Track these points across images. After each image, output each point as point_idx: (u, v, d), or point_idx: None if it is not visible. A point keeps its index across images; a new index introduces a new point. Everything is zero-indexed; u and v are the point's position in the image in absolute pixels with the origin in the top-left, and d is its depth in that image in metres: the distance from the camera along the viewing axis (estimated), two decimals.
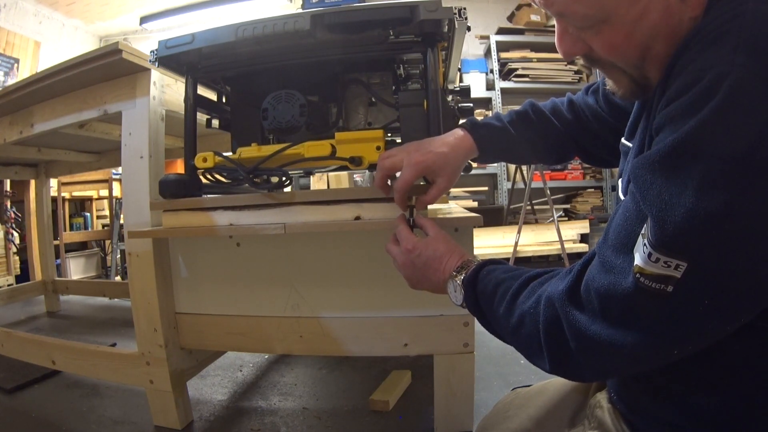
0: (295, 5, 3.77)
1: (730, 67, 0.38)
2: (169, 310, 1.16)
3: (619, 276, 0.43)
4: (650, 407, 0.54)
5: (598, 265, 0.46)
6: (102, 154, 2.17)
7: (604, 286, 0.44)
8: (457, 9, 0.84)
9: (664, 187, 0.39)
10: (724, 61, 0.39)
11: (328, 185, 3.54)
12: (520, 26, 4.01)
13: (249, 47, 0.95)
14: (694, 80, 0.40)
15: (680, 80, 0.42)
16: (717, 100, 0.38)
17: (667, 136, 0.41)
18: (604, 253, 0.45)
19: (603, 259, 0.45)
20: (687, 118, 0.40)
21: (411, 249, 0.69)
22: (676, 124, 0.40)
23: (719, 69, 0.39)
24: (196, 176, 1.03)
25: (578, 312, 0.46)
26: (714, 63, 0.40)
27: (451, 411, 1.07)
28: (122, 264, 3.64)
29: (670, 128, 0.41)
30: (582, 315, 0.45)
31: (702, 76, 0.40)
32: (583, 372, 0.48)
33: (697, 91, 0.40)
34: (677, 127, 0.40)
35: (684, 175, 0.39)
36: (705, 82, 0.39)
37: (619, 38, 0.48)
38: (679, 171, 0.39)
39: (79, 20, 4.10)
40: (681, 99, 0.41)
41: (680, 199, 0.38)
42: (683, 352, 0.42)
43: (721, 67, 0.39)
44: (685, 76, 0.42)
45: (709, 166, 0.38)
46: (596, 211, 3.91)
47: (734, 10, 0.42)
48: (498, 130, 0.81)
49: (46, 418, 1.27)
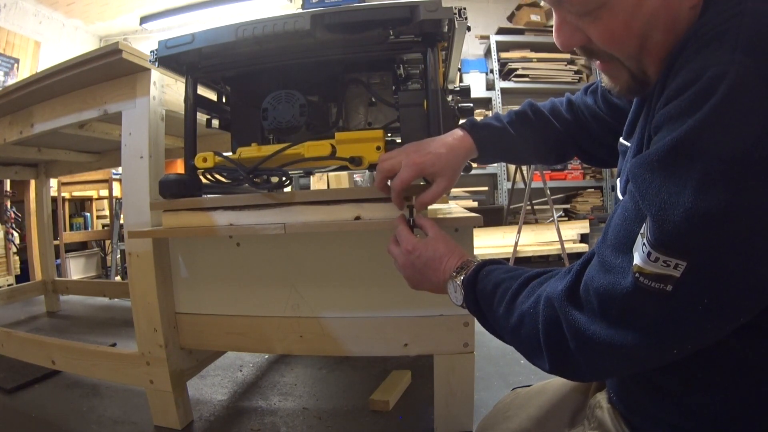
0: (295, 5, 3.77)
1: (728, 66, 0.38)
2: (169, 310, 1.16)
3: (619, 276, 0.43)
4: (649, 407, 0.54)
5: (597, 264, 0.46)
6: (102, 154, 2.17)
7: (604, 285, 0.44)
8: (457, 9, 0.84)
9: (663, 186, 0.39)
10: (723, 60, 0.39)
11: (328, 185, 3.54)
12: (520, 26, 4.01)
13: (249, 47, 0.95)
14: (693, 79, 0.40)
15: (679, 79, 0.42)
16: (716, 99, 0.38)
17: (666, 135, 0.41)
18: (603, 252, 0.45)
19: (602, 258, 0.45)
20: (686, 117, 0.39)
21: (411, 250, 0.69)
22: (675, 123, 0.40)
23: (718, 68, 0.39)
24: (196, 176, 1.03)
25: (577, 312, 0.46)
26: (713, 62, 0.40)
27: (451, 411, 1.07)
28: (122, 264, 3.64)
29: (668, 127, 0.41)
30: (581, 315, 0.45)
31: (701, 75, 0.40)
32: (582, 372, 0.48)
33: (695, 90, 0.40)
34: (676, 126, 0.40)
35: (683, 174, 0.38)
36: (704, 81, 0.39)
37: (617, 25, 0.48)
38: (678, 170, 0.39)
39: (79, 20, 4.10)
40: (680, 98, 0.41)
41: (679, 198, 0.38)
42: (683, 352, 0.42)
43: (720, 66, 0.39)
44: (684, 75, 0.42)
45: (708, 165, 0.38)
46: (596, 211, 3.91)
47: (733, 10, 0.42)
48: (498, 130, 0.81)
49: (46, 418, 1.27)
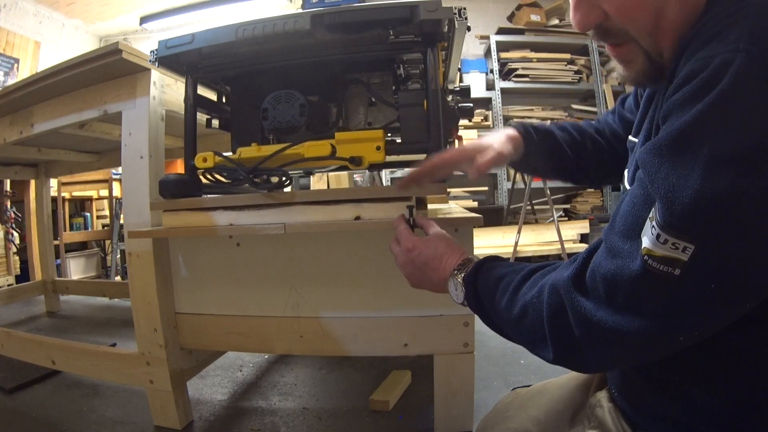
0: (295, 5, 3.77)
1: (735, 54, 0.40)
2: (169, 310, 1.16)
3: (627, 260, 0.43)
4: (651, 402, 0.54)
5: (605, 251, 0.46)
6: (102, 154, 2.17)
7: (611, 270, 0.44)
8: (457, 9, 0.85)
9: (672, 170, 0.40)
10: (729, 49, 0.40)
11: (328, 185, 3.55)
12: (520, 26, 4.01)
13: (249, 47, 0.95)
14: (700, 67, 0.41)
15: (687, 68, 0.43)
16: (723, 84, 0.39)
17: (675, 121, 0.41)
18: (611, 239, 0.45)
19: (610, 245, 0.45)
20: (694, 103, 0.40)
21: (411, 248, 0.69)
22: (684, 109, 0.41)
23: (724, 56, 0.40)
24: (196, 176, 1.03)
25: (583, 298, 0.45)
26: (719, 51, 0.41)
27: (451, 411, 1.07)
28: (122, 264, 3.63)
29: (677, 114, 0.42)
30: (587, 301, 0.45)
31: (708, 63, 0.41)
32: (587, 361, 0.48)
33: (703, 78, 0.41)
34: (684, 112, 0.41)
35: (691, 158, 0.39)
36: (710, 69, 0.40)
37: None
38: (687, 154, 0.40)
39: (79, 20, 4.10)
40: (688, 85, 0.42)
41: (687, 182, 0.39)
42: (689, 340, 0.42)
43: (727, 55, 0.40)
44: (692, 64, 0.43)
45: (715, 148, 0.38)
46: (596, 211, 3.91)
47: (738, 3, 0.44)
48: (545, 131, 0.78)
49: (46, 418, 1.27)
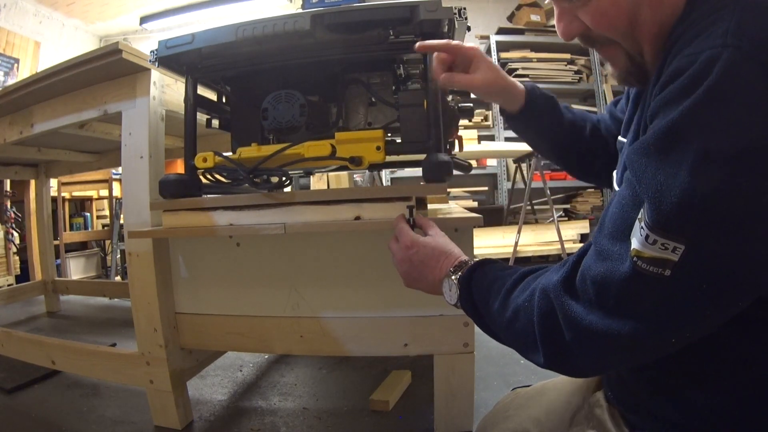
0: (295, 5, 3.77)
1: (722, 49, 0.39)
2: (169, 310, 1.16)
3: (616, 262, 0.42)
4: (646, 403, 0.54)
5: (594, 254, 0.45)
6: (102, 154, 2.17)
7: (601, 273, 0.43)
8: (457, 9, 0.85)
9: (659, 169, 0.40)
10: (716, 44, 0.40)
11: (328, 185, 3.55)
12: (520, 26, 4.01)
13: (249, 47, 0.95)
14: (687, 64, 0.41)
15: (673, 65, 0.43)
16: (709, 81, 0.38)
17: (662, 119, 0.41)
18: (600, 242, 0.45)
19: (599, 247, 0.45)
20: (681, 100, 0.40)
21: (409, 246, 0.69)
22: (670, 107, 0.41)
23: (711, 52, 0.40)
24: (196, 176, 1.03)
25: (573, 302, 0.45)
26: (706, 47, 0.40)
27: (451, 411, 1.07)
28: (122, 264, 3.63)
29: (664, 112, 0.41)
30: (577, 305, 0.45)
31: (695, 59, 0.40)
32: (578, 365, 0.47)
33: (690, 74, 0.40)
34: (671, 110, 0.40)
35: (678, 156, 0.39)
36: (698, 65, 0.40)
37: (606, 5, 0.50)
38: (674, 152, 0.39)
39: (79, 20, 4.10)
40: (674, 83, 0.41)
41: (675, 180, 0.38)
42: (681, 341, 0.42)
43: (714, 50, 0.40)
44: (679, 61, 0.42)
45: (702, 146, 0.38)
46: (596, 211, 3.91)
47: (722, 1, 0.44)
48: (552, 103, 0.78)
49: (46, 418, 1.27)
